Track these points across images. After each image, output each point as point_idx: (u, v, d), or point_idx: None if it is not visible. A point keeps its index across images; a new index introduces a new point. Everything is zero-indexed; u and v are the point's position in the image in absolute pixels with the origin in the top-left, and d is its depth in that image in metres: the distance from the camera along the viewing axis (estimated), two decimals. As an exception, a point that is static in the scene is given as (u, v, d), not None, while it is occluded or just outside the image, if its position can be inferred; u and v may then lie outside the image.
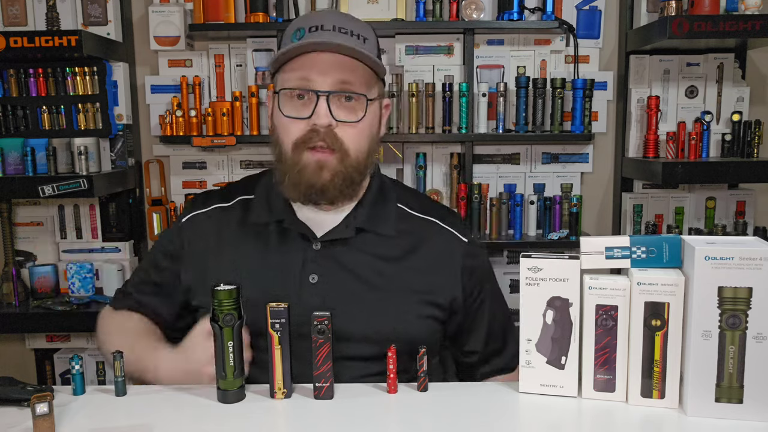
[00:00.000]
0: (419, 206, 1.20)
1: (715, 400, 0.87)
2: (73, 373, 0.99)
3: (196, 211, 1.20)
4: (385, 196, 1.18)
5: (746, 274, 0.84)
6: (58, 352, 2.16)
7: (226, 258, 1.13)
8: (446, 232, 1.18)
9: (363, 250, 1.12)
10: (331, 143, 1.05)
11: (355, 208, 1.14)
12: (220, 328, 0.94)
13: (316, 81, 1.04)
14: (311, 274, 1.10)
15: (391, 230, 1.14)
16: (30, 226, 2.10)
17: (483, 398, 0.96)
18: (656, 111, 1.97)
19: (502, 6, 1.99)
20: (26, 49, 1.79)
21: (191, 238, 1.18)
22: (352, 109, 1.06)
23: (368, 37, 1.09)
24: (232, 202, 1.19)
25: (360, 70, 1.06)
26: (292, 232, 1.12)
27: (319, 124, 1.04)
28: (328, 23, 1.05)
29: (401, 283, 1.11)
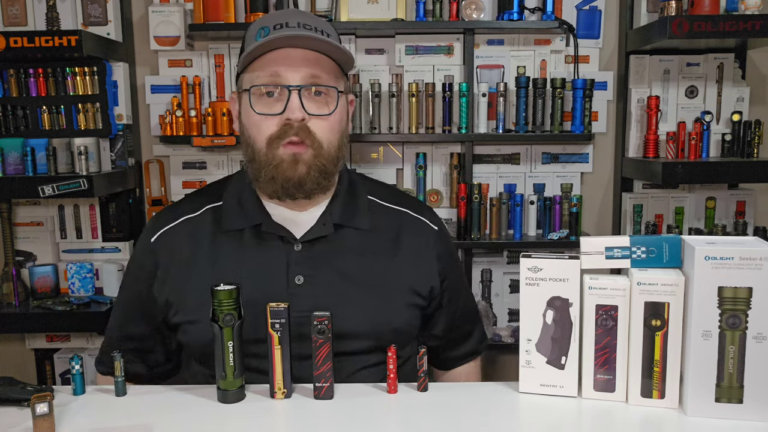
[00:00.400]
0: (389, 197, 1.22)
1: (715, 400, 0.87)
2: (73, 373, 0.99)
3: (164, 227, 1.16)
4: (356, 190, 1.19)
5: (746, 274, 0.84)
6: (58, 352, 2.15)
7: (205, 268, 1.11)
8: (418, 221, 1.21)
9: (343, 246, 1.13)
10: (305, 137, 1.06)
11: (329, 205, 1.15)
12: (220, 328, 0.94)
13: (286, 76, 1.05)
14: (296, 276, 1.10)
15: (365, 224, 1.16)
16: (30, 226, 2.10)
17: (483, 398, 0.96)
18: (656, 111, 1.97)
19: (502, 6, 1.99)
20: (26, 49, 1.79)
21: (164, 254, 1.14)
22: (324, 102, 1.08)
23: (330, 33, 1.10)
24: (200, 212, 1.17)
25: (327, 63, 1.08)
26: (270, 235, 1.12)
27: (293, 118, 1.04)
28: (292, 20, 1.07)
29: (385, 275, 1.13)
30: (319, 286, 1.10)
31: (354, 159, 2.12)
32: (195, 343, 1.12)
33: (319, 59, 1.07)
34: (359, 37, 2.07)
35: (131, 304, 1.18)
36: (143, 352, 1.18)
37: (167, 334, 1.17)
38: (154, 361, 1.20)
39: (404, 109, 2.04)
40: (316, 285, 1.10)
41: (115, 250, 2.10)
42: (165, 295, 1.13)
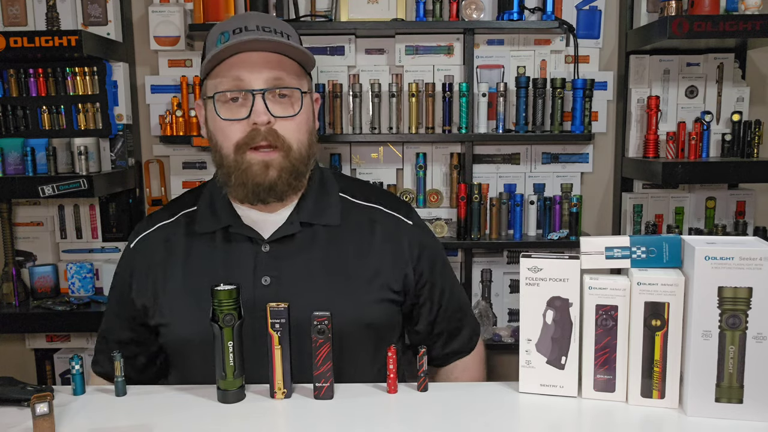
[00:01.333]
0: (361, 194, 1.22)
1: (715, 400, 0.87)
2: (73, 373, 0.99)
3: (142, 233, 1.20)
4: (327, 188, 1.19)
5: (746, 274, 0.84)
6: (58, 352, 2.15)
7: (177, 271, 1.13)
8: (390, 216, 1.20)
9: (311, 244, 1.13)
10: (273, 141, 1.06)
11: (298, 204, 1.15)
12: (220, 328, 0.94)
13: (249, 80, 1.05)
14: (263, 277, 1.10)
15: (335, 220, 1.16)
16: (30, 226, 2.10)
17: (483, 398, 0.96)
18: (656, 111, 1.97)
19: (502, 6, 1.99)
20: (26, 49, 1.79)
21: (140, 260, 1.17)
22: (288, 103, 1.08)
23: (291, 34, 1.11)
24: (175, 217, 1.20)
25: (289, 65, 1.08)
26: (239, 236, 1.13)
27: (259, 122, 1.05)
28: (251, 24, 1.07)
29: (355, 272, 1.13)
30: (286, 286, 1.10)
31: (354, 159, 2.12)
32: (170, 345, 1.14)
33: (281, 61, 1.07)
34: (359, 37, 2.07)
35: (115, 310, 1.21)
36: (129, 357, 1.19)
37: (148, 337, 1.19)
38: (140, 365, 1.21)
39: (404, 109, 2.04)
40: (283, 285, 1.10)
41: (115, 250, 2.10)
42: (142, 300, 1.15)
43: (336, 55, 2.06)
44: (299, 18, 2.02)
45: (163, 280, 1.14)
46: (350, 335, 1.10)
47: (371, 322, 1.13)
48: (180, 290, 1.12)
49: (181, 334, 1.11)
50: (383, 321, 1.15)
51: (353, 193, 1.22)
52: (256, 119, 1.05)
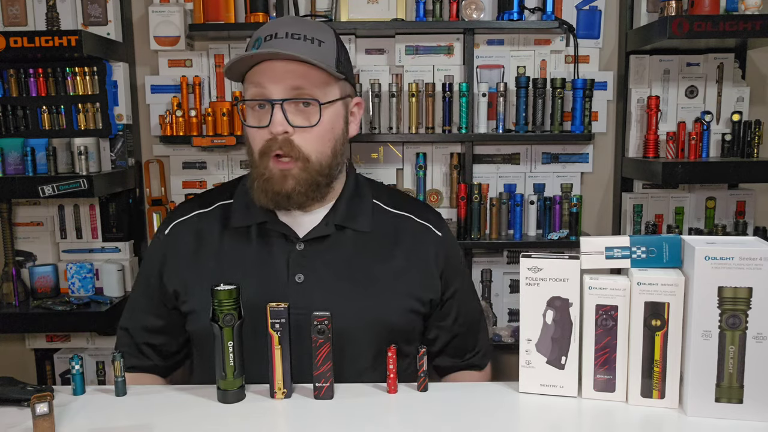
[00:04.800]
0: (393, 202, 1.23)
1: (715, 400, 0.87)
2: (73, 373, 0.99)
3: (176, 220, 1.21)
4: (361, 193, 1.20)
5: (746, 274, 0.84)
6: (58, 352, 2.15)
7: (210, 262, 1.15)
8: (421, 226, 1.21)
9: (343, 247, 1.15)
10: (289, 151, 1.07)
11: (333, 206, 1.17)
12: (220, 328, 0.94)
13: (270, 90, 1.06)
14: (297, 274, 1.12)
15: (366, 226, 1.17)
16: (30, 226, 2.10)
17: (483, 398, 0.96)
18: (656, 111, 1.97)
19: (502, 6, 1.99)
20: (26, 49, 1.79)
21: (173, 247, 1.19)
22: (308, 113, 1.07)
23: (324, 40, 1.09)
24: (211, 207, 1.21)
25: (314, 74, 1.06)
26: (274, 233, 1.15)
27: (275, 132, 1.06)
28: (281, 31, 1.07)
29: (383, 278, 1.14)
30: (318, 285, 1.12)
31: (354, 159, 2.12)
32: (196, 333, 1.16)
33: (303, 70, 1.06)
34: (359, 37, 2.07)
35: (143, 298, 1.21)
36: (157, 345, 1.21)
37: (177, 323, 1.20)
38: (168, 352, 1.23)
39: (404, 109, 2.04)
40: (316, 284, 1.12)
41: (115, 250, 2.10)
42: (174, 285, 1.16)
43: (336, 55, 2.06)
44: (299, 18, 2.02)
45: (195, 268, 1.15)
46: (375, 339, 1.11)
47: (393, 328, 1.13)
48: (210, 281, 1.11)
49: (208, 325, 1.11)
50: (405, 328, 1.16)
51: (385, 200, 1.22)
52: (273, 129, 1.06)
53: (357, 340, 1.11)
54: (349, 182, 1.20)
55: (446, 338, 1.24)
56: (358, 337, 1.11)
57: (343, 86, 1.13)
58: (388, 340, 1.05)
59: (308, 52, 1.05)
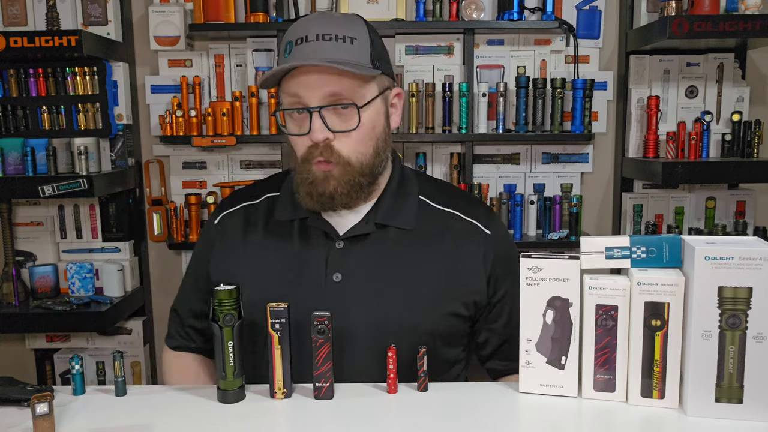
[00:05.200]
0: (441, 198, 1.19)
1: (715, 400, 0.87)
2: (73, 373, 0.99)
3: (225, 211, 1.23)
4: (406, 190, 1.18)
5: (746, 274, 0.84)
6: (58, 352, 2.16)
7: (252, 254, 1.16)
8: (468, 224, 1.16)
9: (384, 245, 1.12)
10: (329, 157, 1.06)
11: (375, 204, 1.15)
12: (220, 328, 0.94)
13: (306, 98, 1.05)
14: (335, 273, 1.11)
15: (410, 224, 1.14)
16: (30, 226, 2.10)
17: (483, 398, 0.96)
18: (656, 111, 1.97)
19: (502, 6, 1.99)
20: (26, 49, 1.79)
21: (221, 236, 1.21)
22: (348, 117, 1.06)
23: (356, 36, 1.06)
24: (259, 200, 1.22)
25: (349, 77, 1.05)
26: (315, 230, 1.14)
27: (316, 140, 1.05)
28: (312, 33, 1.05)
29: (421, 278, 1.11)
30: (356, 285, 1.10)
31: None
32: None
33: (338, 74, 1.04)
34: (359, 37, 2.07)
35: (192, 282, 1.25)
36: (202, 329, 1.23)
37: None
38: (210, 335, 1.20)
39: (404, 109, 2.04)
40: (352, 283, 1.10)
41: (115, 250, 2.09)
42: (218, 275, 1.17)
43: (336, 55, 2.06)
44: (299, 18, 2.02)
45: (238, 259, 1.16)
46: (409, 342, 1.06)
47: (434, 332, 1.10)
48: (251, 271, 1.14)
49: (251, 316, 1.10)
50: (447, 331, 1.12)
51: (433, 196, 1.19)
52: (313, 137, 1.05)
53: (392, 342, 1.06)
54: (393, 177, 1.17)
55: (497, 342, 1.18)
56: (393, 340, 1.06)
57: (381, 81, 1.11)
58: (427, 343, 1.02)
59: (340, 54, 1.03)
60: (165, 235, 2.10)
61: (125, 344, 2.14)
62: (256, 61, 2.07)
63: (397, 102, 1.16)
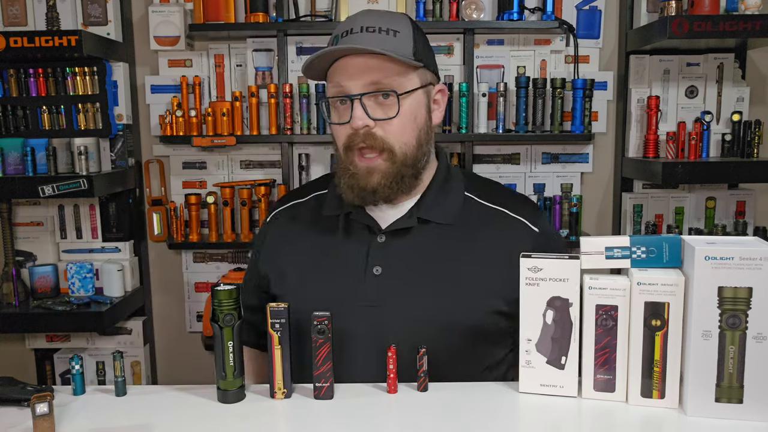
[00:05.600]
0: (487, 195, 1.19)
1: (715, 400, 0.87)
2: (73, 373, 0.99)
3: (276, 209, 1.28)
4: (451, 186, 1.18)
5: (746, 274, 0.84)
6: (58, 352, 2.16)
7: (300, 250, 1.18)
8: (514, 221, 1.15)
9: (425, 240, 1.13)
10: (372, 143, 1.07)
11: (419, 200, 1.15)
12: (220, 328, 0.94)
13: (348, 86, 1.07)
14: (375, 266, 1.11)
15: (452, 219, 1.14)
16: (30, 226, 2.10)
17: (483, 398, 0.96)
18: (656, 111, 1.97)
19: (502, 6, 1.99)
20: (26, 49, 1.79)
21: (272, 234, 1.25)
22: (387, 105, 1.08)
23: (400, 30, 1.09)
24: (307, 197, 1.25)
25: (390, 66, 1.06)
26: (358, 224, 1.15)
27: (356, 127, 1.07)
28: (357, 26, 1.08)
29: (462, 275, 1.10)
30: (395, 279, 1.10)
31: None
32: None
33: (379, 63, 1.06)
34: (359, 37, 2.07)
35: (249, 278, 1.29)
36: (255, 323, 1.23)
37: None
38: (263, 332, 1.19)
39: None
40: (393, 277, 1.10)
41: (115, 250, 2.09)
42: (266, 269, 1.22)
43: (336, 55, 2.06)
44: (299, 18, 2.02)
45: (284, 254, 1.20)
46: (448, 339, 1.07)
47: (474, 330, 1.09)
48: (295, 265, 1.17)
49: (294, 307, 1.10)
50: (488, 329, 1.11)
51: (479, 194, 1.18)
52: (353, 125, 1.07)
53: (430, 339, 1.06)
54: (438, 173, 1.18)
55: None
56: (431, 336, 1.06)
57: (423, 74, 1.12)
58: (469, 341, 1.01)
59: (383, 44, 1.05)
60: (165, 235, 2.10)
61: (125, 344, 2.14)
62: (256, 61, 2.07)
63: (440, 98, 1.17)
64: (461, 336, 1.08)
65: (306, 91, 2.01)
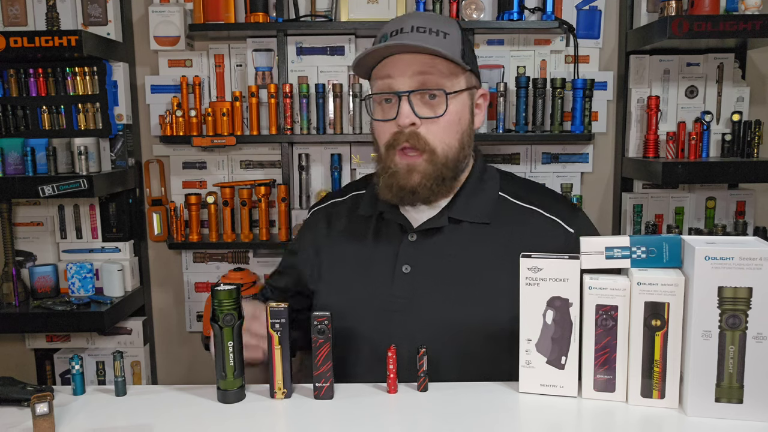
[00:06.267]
0: (522, 195, 1.18)
1: (715, 400, 0.87)
2: (73, 373, 0.99)
3: (316, 207, 1.32)
4: (485, 185, 1.18)
5: (746, 274, 0.84)
6: (58, 352, 2.16)
7: (335, 248, 1.21)
8: (549, 221, 1.15)
9: (456, 239, 1.13)
10: (415, 143, 1.07)
11: (453, 198, 1.15)
12: (220, 328, 0.94)
13: (396, 82, 1.07)
14: (404, 265, 1.12)
15: (483, 218, 1.13)
16: (30, 226, 2.10)
17: (483, 398, 0.96)
18: (656, 111, 1.97)
19: (502, 6, 1.99)
20: (26, 49, 1.79)
21: (310, 230, 1.28)
22: (435, 105, 1.08)
23: (449, 33, 1.09)
24: (346, 197, 1.28)
25: (439, 65, 1.07)
26: (391, 223, 1.16)
27: (402, 124, 1.06)
28: (407, 25, 1.08)
29: (493, 275, 1.10)
30: (424, 278, 1.11)
31: (354, 159, 2.12)
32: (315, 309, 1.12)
33: (429, 62, 1.06)
34: (359, 37, 2.07)
35: (286, 261, 1.34)
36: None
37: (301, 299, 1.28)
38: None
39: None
40: (422, 276, 1.11)
41: (115, 250, 2.09)
42: (304, 264, 1.26)
43: (336, 55, 2.06)
44: (299, 18, 2.02)
45: (320, 251, 1.23)
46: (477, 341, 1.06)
47: (505, 330, 1.06)
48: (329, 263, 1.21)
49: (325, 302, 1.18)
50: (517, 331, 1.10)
51: (513, 193, 1.18)
52: (400, 122, 1.07)
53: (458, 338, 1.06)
54: (473, 173, 1.18)
55: None
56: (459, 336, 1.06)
57: (469, 78, 1.13)
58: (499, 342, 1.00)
59: (433, 44, 1.05)
60: (165, 235, 2.10)
61: (125, 344, 2.14)
62: (256, 61, 2.07)
63: (482, 102, 1.18)
64: (490, 337, 1.07)
65: (306, 91, 2.01)
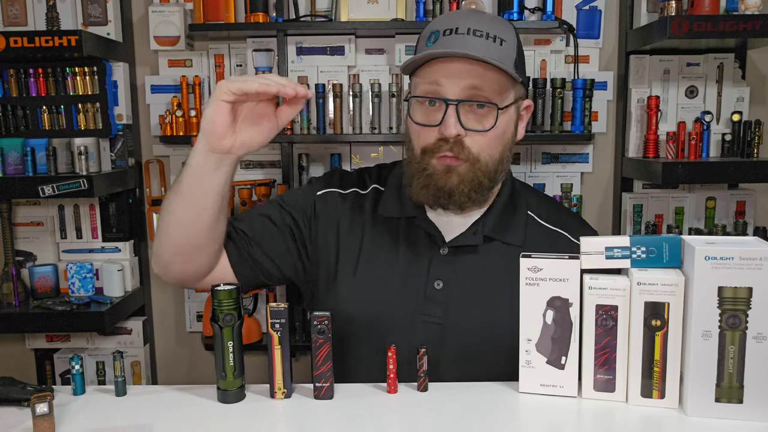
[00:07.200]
0: (549, 216, 1.17)
1: (715, 400, 0.87)
2: (73, 373, 0.99)
3: (333, 188, 1.20)
4: (516, 204, 1.15)
5: (746, 274, 0.84)
6: (58, 352, 2.15)
7: (357, 244, 1.13)
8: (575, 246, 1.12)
9: (489, 258, 1.10)
10: (458, 153, 1.03)
11: (484, 215, 1.12)
12: (220, 329, 0.94)
13: (445, 88, 1.02)
14: (437, 280, 1.09)
15: (518, 240, 1.11)
16: (30, 226, 2.10)
17: (483, 398, 0.96)
18: (656, 111, 1.97)
19: (502, 6, 1.99)
20: (26, 49, 1.79)
21: (325, 212, 1.17)
22: (483, 117, 1.03)
23: (506, 39, 1.04)
24: (367, 190, 1.19)
25: (492, 75, 1.02)
26: (420, 231, 1.12)
27: (447, 134, 1.01)
28: (462, 26, 1.02)
29: None
30: (458, 296, 1.08)
31: (354, 159, 2.12)
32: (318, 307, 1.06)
33: (482, 70, 1.01)
34: (359, 37, 2.07)
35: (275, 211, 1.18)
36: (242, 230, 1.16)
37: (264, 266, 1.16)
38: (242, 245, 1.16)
39: (404, 109, 2.04)
40: (455, 293, 1.08)
41: (115, 250, 2.09)
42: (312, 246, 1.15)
43: (336, 55, 2.06)
44: (299, 18, 2.02)
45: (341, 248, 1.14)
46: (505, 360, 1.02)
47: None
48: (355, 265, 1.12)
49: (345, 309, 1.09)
50: None
51: (540, 213, 1.17)
52: (446, 132, 1.01)
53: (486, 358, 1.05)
54: (504, 189, 1.14)
55: None
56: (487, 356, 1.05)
57: (518, 89, 1.09)
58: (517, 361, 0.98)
59: (489, 52, 1.00)
60: (165, 235, 2.10)
61: (125, 344, 2.14)
62: (256, 61, 2.06)
63: (525, 114, 1.14)
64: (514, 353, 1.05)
65: (306, 91, 2.01)
